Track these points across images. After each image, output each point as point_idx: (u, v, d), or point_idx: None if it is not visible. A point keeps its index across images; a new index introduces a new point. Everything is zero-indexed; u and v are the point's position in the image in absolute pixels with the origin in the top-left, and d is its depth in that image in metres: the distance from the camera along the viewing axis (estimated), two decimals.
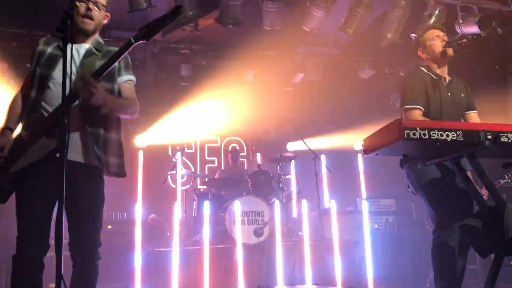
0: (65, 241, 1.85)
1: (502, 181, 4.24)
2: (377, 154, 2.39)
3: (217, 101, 7.57)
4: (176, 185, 6.67)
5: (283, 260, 4.89)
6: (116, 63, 2.29)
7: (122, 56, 2.19)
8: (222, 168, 7.84)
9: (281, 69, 7.24)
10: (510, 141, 2.19)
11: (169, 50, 6.54)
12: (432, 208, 2.81)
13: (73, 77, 2.24)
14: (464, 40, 2.78)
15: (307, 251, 4.92)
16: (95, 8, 2.36)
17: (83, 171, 2.26)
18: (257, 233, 5.30)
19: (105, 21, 2.51)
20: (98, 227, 2.31)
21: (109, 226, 5.44)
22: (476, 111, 3.05)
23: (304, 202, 5.29)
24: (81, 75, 2.13)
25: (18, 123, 2.38)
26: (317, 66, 6.72)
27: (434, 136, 2.14)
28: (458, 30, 5.30)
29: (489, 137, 2.17)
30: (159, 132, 7.46)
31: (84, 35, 2.41)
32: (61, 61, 2.22)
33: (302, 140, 6.35)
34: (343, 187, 7.20)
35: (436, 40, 2.96)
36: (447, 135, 2.15)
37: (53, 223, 2.06)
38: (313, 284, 4.72)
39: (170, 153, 7.66)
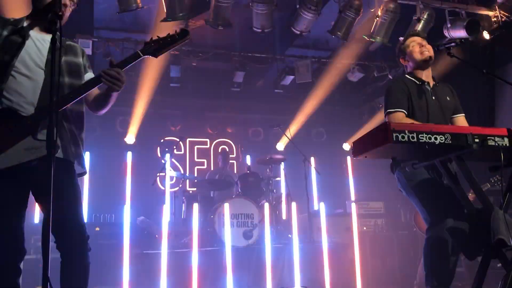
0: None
1: (489, 185, 4.28)
2: (366, 157, 2.41)
3: (206, 102, 7.56)
4: (165, 187, 6.63)
5: (272, 263, 4.88)
6: (81, 60, 2.36)
7: (129, 65, 2.22)
8: (212, 169, 7.82)
9: (271, 71, 7.26)
10: (497, 144, 2.22)
11: None
12: (423, 207, 2.82)
13: (37, 69, 2.17)
14: (452, 44, 2.81)
15: (296, 253, 4.92)
16: (70, 4, 2.28)
17: (63, 165, 2.17)
18: (247, 235, 5.29)
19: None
20: (82, 212, 2.26)
21: (97, 228, 5.37)
22: (463, 115, 3.08)
23: (294, 205, 5.30)
24: (118, 71, 2.15)
25: None
26: (306, 69, 6.74)
27: (422, 139, 2.16)
28: (446, 34, 5.35)
29: (477, 140, 2.20)
30: (148, 133, 7.41)
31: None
32: (23, 49, 2.15)
33: (292, 142, 6.36)
34: (332, 189, 7.23)
35: (415, 46, 3.03)
36: (436, 138, 2.17)
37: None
38: (302, 286, 4.72)
39: (159, 155, 7.62)
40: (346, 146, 7.74)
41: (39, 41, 2.23)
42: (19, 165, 2.06)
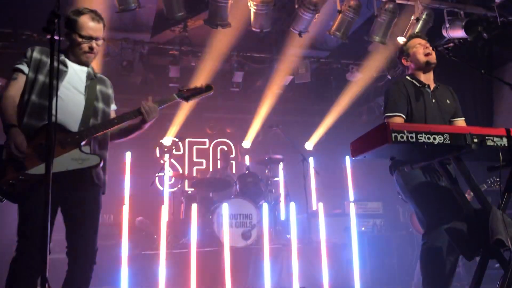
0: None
1: (485, 186, 4.28)
2: (365, 157, 2.41)
3: (205, 102, 7.54)
4: (163, 187, 6.63)
5: (271, 263, 4.88)
6: (110, 92, 2.78)
7: (167, 104, 2.78)
8: (211, 170, 7.82)
9: (270, 72, 7.26)
10: (495, 144, 2.22)
11: (158, 51, 6.51)
12: (420, 211, 2.82)
13: (78, 93, 2.57)
14: (451, 44, 2.81)
15: (295, 254, 4.92)
16: (97, 44, 2.64)
17: (94, 191, 2.63)
18: (245, 236, 5.28)
19: None
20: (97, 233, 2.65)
21: None
22: (463, 118, 3.07)
23: (292, 205, 5.29)
24: (154, 106, 2.71)
25: None
26: (305, 69, 6.74)
27: (421, 139, 2.16)
28: (444, 34, 5.36)
29: (475, 140, 2.20)
30: (147, 133, 7.40)
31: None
32: (67, 76, 2.54)
33: (291, 142, 6.36)
34: (331, 189, 7.23)
35: (419, 48, 3.01)
36: (434, 138, 2.17)
37: None
38: (301, 286, 4.72)
39: (158, 155, 7.62)
40: (344, 146, 7.72)
41: (77, 71, 2.62)
42: (63, 172, 2.38)
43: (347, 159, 7.08)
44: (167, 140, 7.11)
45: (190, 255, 4.63)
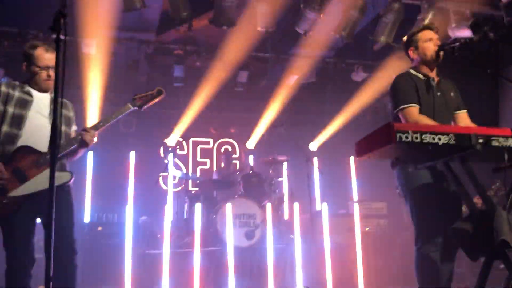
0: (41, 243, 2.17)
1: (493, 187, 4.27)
2: (369, 157, 2.39)
3: (210, 102, 7.55)
4: (167, 187, 6.63)
5: (275, 263, 4.87)
6: (71, 114, 3.05)
7: (117, 119, 2.97)
8: (214, 170, 7.82)
9: (275, 71, 7.25)
10: (501, 145, 2.20)
11: (163, 50, 6.52)
12: (415, 217, 2.80)
13: (43, 118, 2.85)
14: (457, 44, 2.78)
15: (299, 253, 4.91)
16: (53, 71, 2.81)
17: (61, 192, 2.75)
18: (249, 235, 5.28)
19: None
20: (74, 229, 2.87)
21: (100, 228, 5.39)
22: (465, 111, 3.02)
23: (296, 205, 5.29)
24: (90, 132, 2.85)
25: None
26: (310, 69, 6.72)
27: (426, 139, 2.14)
28: (450, 34, 5.33)
29: (480, 141, 2.18)
30: (151, 133, 7.41)
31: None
32: (33, 104, 2.83)
33: (295, 142, 6.34)
34: (335, 190, 7.21)
35: (429, 43, 2.91)
36: (439, 139, 2.15)
37: None
38: (304, 286, 4.71)
39: (162, 155, 7.62)
40: (349, 146, 7.69)
41: (41, 98, 2.88)
42: (41, 190, 2.64)
43: (352, 159, 7.06)
44: (171, 140, 7.12)
45: (194, 254, 4.63)
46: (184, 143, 7.92)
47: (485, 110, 5.76)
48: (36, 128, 2.80)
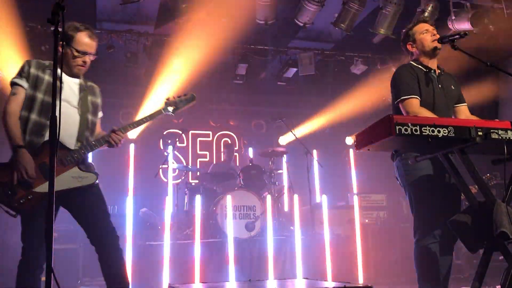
0: (55, 234, 2.01)
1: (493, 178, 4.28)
2: (368, 150, 2.40)
3: (209, 95, 7.54)
4: (167, 179, 6.64)
5: (274, 254, 4.91)
6: (99, 101, 2.88)
7: (148, 122, 2.91)
8: (214, 162, 7.83)
9: (274, 64, 7.23)
10: (500, 137, 2.21)
11: (162, 43, 6.49)
12: (415, 209, 2.81)
13: (72, 108, 2.69)
14: (457, 36, 2.77)
15: (298, 245, 4.94)
16: (90, 59, 2.76)
17: (92, 190, 2.74)
18: (249, 227, 5.31)
19: None
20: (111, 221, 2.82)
21: None
22: (466, 104, 3.02)
23: (296, 197, 5.31)
24: (119, 134, 2.74)
25: None
26: (309, 61, 6.71)
27: (425, 132, 2.15)
28: (450, 26, 5.32)
29: (480, 133, 2.19)
30: (150, 126, 7.41)
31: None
32: (62, 91, 2.61)
33: (294, 135, 6.35)
34: (335, 182, 7.23)
35: (426, 34, 2.91)
36: (439, 131, 2.16)
37: None
38: (304, 278, 4.74)
39: (162, 147, 7.63)
40: (349, 139, 7.72)
41: (70, 84, 2.74)
42: (65, 190, 2.56)
43: (351, 151, 7.08)
44: (171, 132, 7.12)
45: (194, 246, 4.66)
46: (183, 135, 7.92)
47: (484, 103, 5.76)
48: (63, 119, 2.57)
